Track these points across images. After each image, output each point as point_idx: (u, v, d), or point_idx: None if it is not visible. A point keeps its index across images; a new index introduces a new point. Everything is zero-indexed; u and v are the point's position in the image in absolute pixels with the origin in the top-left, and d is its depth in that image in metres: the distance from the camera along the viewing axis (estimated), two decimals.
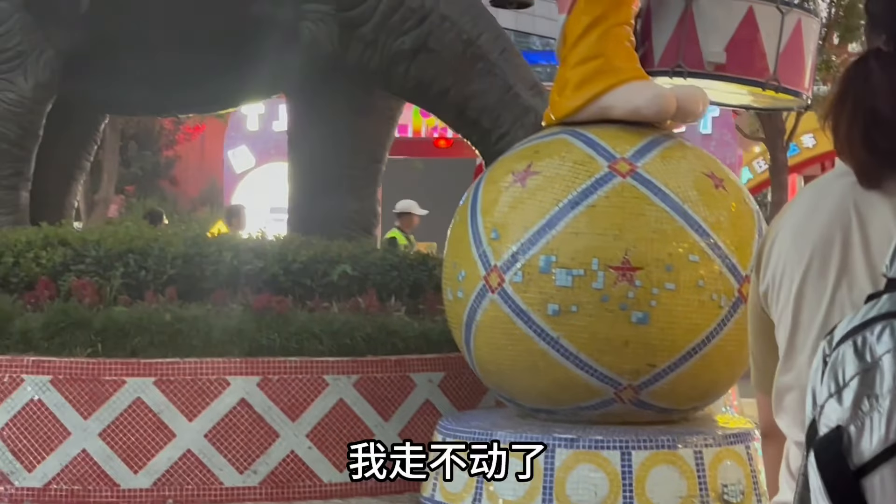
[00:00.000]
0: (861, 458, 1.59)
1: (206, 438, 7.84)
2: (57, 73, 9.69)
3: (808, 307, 1.90)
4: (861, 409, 1.59)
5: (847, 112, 1.84)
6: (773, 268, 1.99)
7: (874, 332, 1.62)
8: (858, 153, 1.84)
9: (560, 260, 7.27)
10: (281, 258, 8.67)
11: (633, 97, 7.70)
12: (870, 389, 1.59)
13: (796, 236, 1.95)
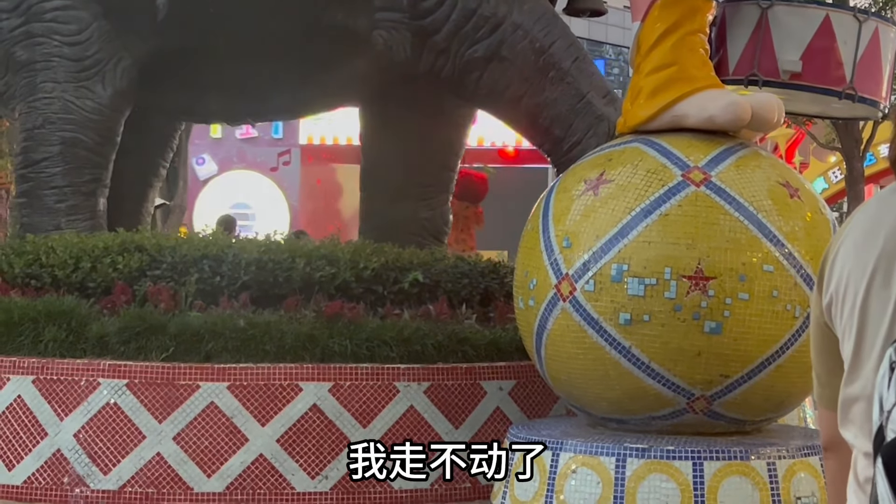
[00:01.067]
0: None
1: (278, 443, 7.88)
2: (134, 82, 9.79)
3: (873, 318, 1.89)
4: None
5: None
6: (836, 281, 2.00)
7: None
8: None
9: (632, 269, 7.26)
10: (353, 265, 8.70)
11: (708, 105, 7.67)
12: None
13: (859, 249, 1.95)
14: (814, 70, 8.87)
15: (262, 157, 22.38)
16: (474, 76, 9.31)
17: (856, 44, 8.76)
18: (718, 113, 7.65)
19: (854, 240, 1.98)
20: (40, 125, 9.67)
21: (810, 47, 9.00)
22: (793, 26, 8.97)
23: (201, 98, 10.60)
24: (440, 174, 10.76)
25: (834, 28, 8.90)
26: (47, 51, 9.66)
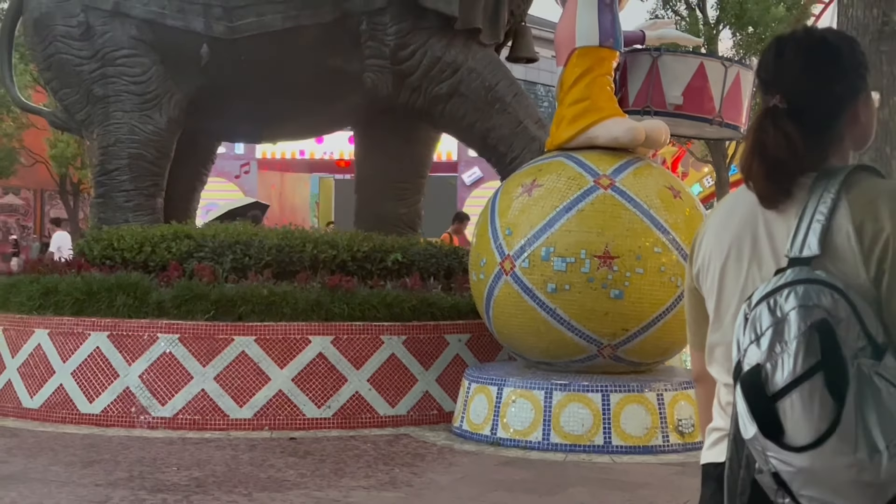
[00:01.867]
0: (775, 387, 1.64)
1: (293, 382, 7.90)
2: (184, 111, 9.78)
3: (729, 283, 1.94)
4: (774, 351, 1.65)
5: (754, 155, 1.88)
6: (702, 256, 2.03)
7: (783, 295, 1.69)
8: (760, 186, 1.88)
9: (557, 251, 7.32)
10: (349, 248, 8.72)
11: (613, 129, 7.74)
12: (780, 337, 1.65)
13: (719, 233, 1.99)
14: (692, 103, 8.92)
15: (228, 167, 22.22)
16: (439, 108, 9.34)
17: (723, 83, 8.82)
18: (621, 135, 7.73)
19: (715, 226, 2.02)
20: (113, 144, 9.67)
21: (689, 86, 9.06)
22: (676, 70, 9.03)
23: (234, 123, 10.59)
24: (414, 181, 10.77)
25: (707, 72, 8.97)
26: (118, 88, 9.65)
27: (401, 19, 9.20)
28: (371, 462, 6.76)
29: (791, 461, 1.63)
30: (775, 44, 1.98)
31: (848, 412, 1.59)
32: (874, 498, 1.61)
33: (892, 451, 1.59)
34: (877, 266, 1.74)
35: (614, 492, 5.98)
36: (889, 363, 1.66)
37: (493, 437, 7.36)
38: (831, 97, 1.89)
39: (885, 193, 1.78)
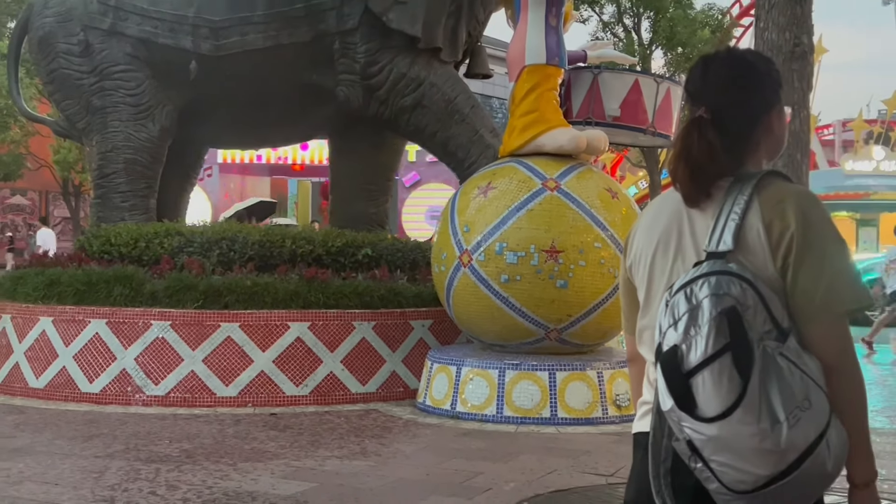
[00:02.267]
0: (689, 366, 1.68)
1: (273, 363, 7.86)
2: (174, 120, 9.71)
3: (657, 274, 1.97)
4: (689, 334, 1.69)
5: (680, 160, 1.91)
6: (634, 250, 2.05)
7: (698, 285, 1.72)
8: (685, 188, 1.91)
9: (509, 246, 7.35)
10: (324, 244, 8.69)
11: (558, 138, 7.77)
12: (695, 321, 1.69)
13: (648, 230, 2.01)
14: (628, 115, 8.98)
15: None
16: (405, 118, 9.33)
17: (655, 97, 8.89)
18: (565, 143, 7.76)
19: (645, 225, 2.04)
20: (110, 150, 9.58)
21: (626, 100, 9.13)
22: (614, 86, 9.09)
23: (220, 131, 10.52)
24: (382, 183, 10.73)
25: (641, 87, 9.03)
26: (115, 99, 9.56)
27: (370, 39, 9.18)
28: (344, 434, 6.75)
29: (702, 430, 1.66)
30: (702, 62, 2.02)
31: (752, 387, 1.62)
32: (775, 464, 1.64)
33: (791, 421, 1.63)
34: (783, 260, 1.77)
35: (560, 458, 6.02)
36: (791, 345, 1.70)
37: (453, 411, 7.37)
38: (749, 110, 1.92)
39: (792, 196, 1.82)
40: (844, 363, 1.76)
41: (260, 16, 9.29)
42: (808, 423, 1.65)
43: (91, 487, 5.13)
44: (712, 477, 1.68)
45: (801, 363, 1.69)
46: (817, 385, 1.69)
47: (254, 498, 4.95)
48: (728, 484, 1.67)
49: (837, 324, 1.77)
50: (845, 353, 1.77)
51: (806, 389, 1.66)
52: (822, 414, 1.67)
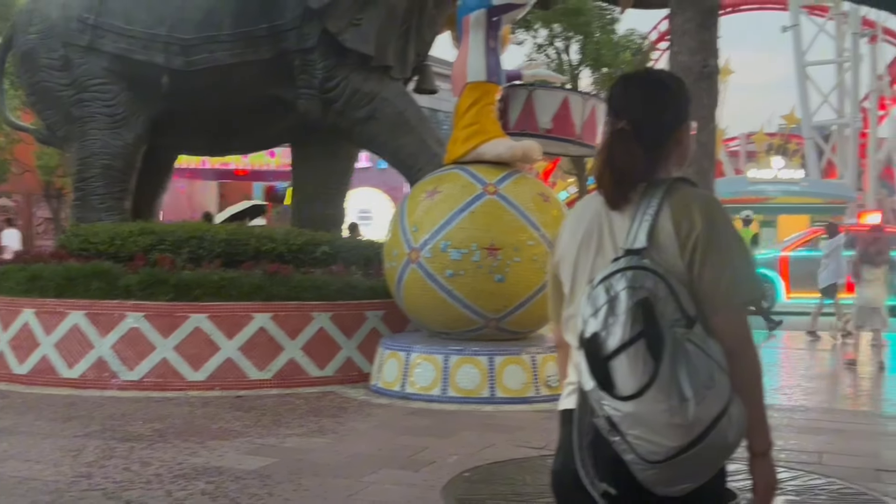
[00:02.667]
0: (608, 350, 1.69)
1: (239, 350, 7.75)
2: (148, 129, 9.55)
3: (581, 269, 1.97)
4: (608, 322, 1.70)
5: (603, 165, 1.92)
6: (561, 248, 2.05)
7: (616, 279, 1.74)
8: (608, 191, 1.92)
9: (453, 244, 7.35)
10: (285, 242, 8.60)
11: (497, 148, 7.80)
12: (613, 311, 1.70)
13: (573, 229, 2.02)
14: (559, 127, 9.06)
15: None
16: (358, 129, 9.27)
17: (582, 112, 8.98)
18: (503, 152, 7.79)
19: (570, 226, 2.04)
20: (88, 156, 9.39)
21: (557, 114, 9.21)
22: (546, 102, 9.16)
23: (191, 139, 10.37)
24: (339, 187, 10.64)
25: (570, 103, 9.12)
26: (92, 110, 9.38)
27: (328, 56, 9.11)
28: (303, 414, 6.70)
29: (620, 408, 1.68)
30: (623, 81, 2.03)
31: (664, 369, 1.64)
32: (684, 436, 1.66)
33: (697, 399, 1.65)
34: (690, 256, 1.79)
35: (497, 434, 6.04)
36: (697, 331, 1.72)
37: (403, 392, 7.35)
38: (663, 123, 1.94)
39: (698, 200, 1.85)
40: (744, 347, 1.79)
41: (226, 35, 9.18)
42: (713, 399, 1.67)
43: (70, 465, 5.02)
44: (629, 449, 1.70)
45: (706, 347, 1.71)
46: (720, 366, 1.71)
47: (220, 472, 4.88)
48: (643, 455, 1.68)
49: (737, 313, 1.80)
50: (744, 339, 1.80)
51: (710, 370, 1.68)
52: (724, 392, 1.70)
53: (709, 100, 4.27)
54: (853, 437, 6.15)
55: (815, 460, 5.38)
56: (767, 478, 1.86)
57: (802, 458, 5.40)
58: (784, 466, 5.15)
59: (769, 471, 1.86)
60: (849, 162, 32.82)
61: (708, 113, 4.29)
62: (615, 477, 1.76)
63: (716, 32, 4.36)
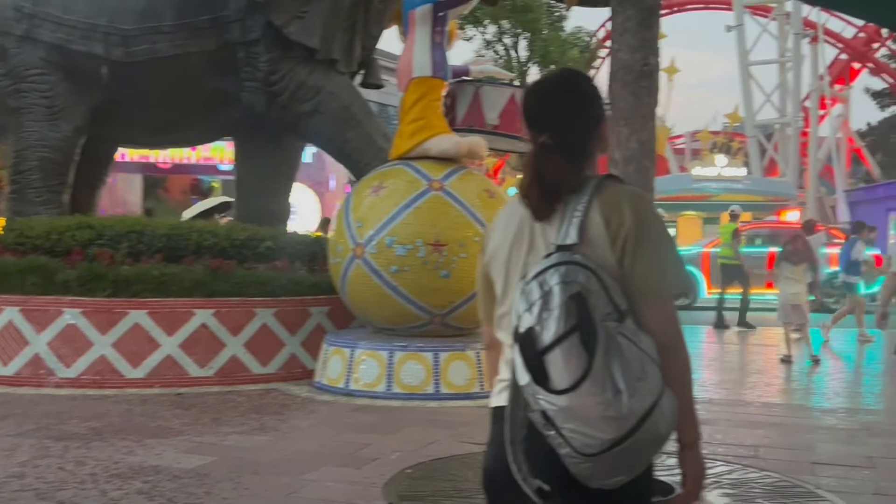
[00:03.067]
0: (543, 345, 1.70)
1: (179, 347, 7.64)
2: (87, 121, 9.36)
3: (514, 266, 1.97)
4: (542, 317, 1.71)
5: (531, 180, 1.92)
6: (492, 247, 2.05)
7: (549, 274, 1.75)
8: (534, 204, 1.91)
9: (399, 240, 7.34)
10: (228, 237, 8.49)
11: (442, 143, 7.80)
12: (547, 306, 1.71)
13: (504, 228, 2.02)
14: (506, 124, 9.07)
15: None
16: (304, 123, 9.19)
17: None
18: (449, 148, 7.80)
19: (502, 224, 2.04)
20: (25, 148, 9.17)
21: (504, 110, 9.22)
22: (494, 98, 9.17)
23: (131, 132, 10.17)
24: (284, 182, 10.52)
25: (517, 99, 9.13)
26: (29, 101, 9.16)
27: (272, 49, 9.02)
28: (245, 412, 6.63)
29: (555, 402, 1.69)
30: (536, 94, 2.00)
31: (597, 362, 1.66)
32: (618, 428, 1.67)
33: (630, 391, 1.67)
34: (620, 251, 1.81)
35: (441, 429, 6.04)
36: (629, 325, 1.74)
37: (347, 389, 7.32)
38: (583, 128, 1.95)
39: (626, 196, 1.87)
40: (674, 340, 1.81)
41: (168, 26, 9.03)
42: (645, 392, 1.69)
43: (2, 465, 4.90)
44: (564, 443, 1.71)
45: (638, 340, 1.73)
46: (651, 359, 1.73)
47: (158, 471, 4.81)
48: (577, 448, 1.70)
49: (667, 306, 1.83)
50: (674, 332, 1.82)
51: (642, 363, 1.70)
52: (655, 384, 1.72)
53: (649, 98, 4.31)
54: (789, 430, 6.30)
55: (751, 454, 5.49)
56: (696, 469, 1.89)
57: (739, 452, 5.51)
58: (721, 460, 5.24)
59: (698, 462, 1.89)
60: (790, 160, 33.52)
61: (648, 111, 4.33)
62: (549, 472, 1.77)
63: (657, 31, 4.41)
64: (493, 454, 1.90)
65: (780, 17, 35.27)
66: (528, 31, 20.63)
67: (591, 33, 23.33)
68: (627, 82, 4.29)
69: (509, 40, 21.03)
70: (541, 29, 20.49)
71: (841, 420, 6.73)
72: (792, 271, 10.08)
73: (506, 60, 20.51)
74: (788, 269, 10.11)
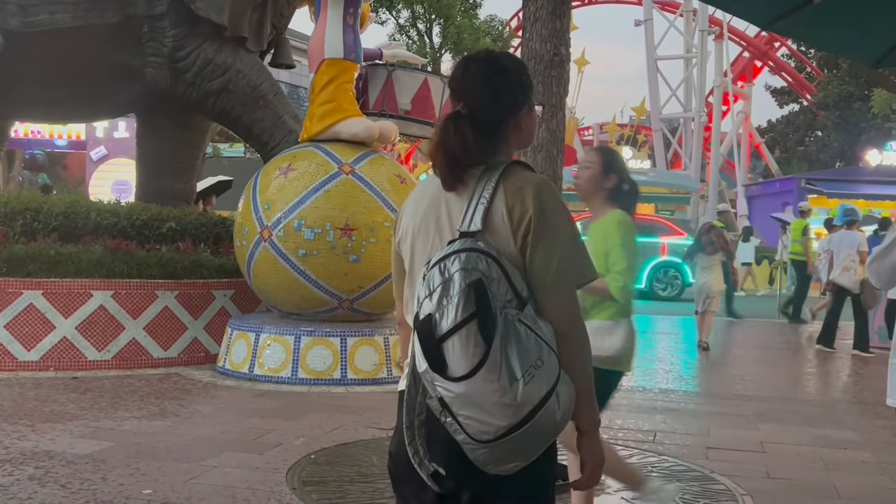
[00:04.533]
0: (441, 332, 1.70)
1: (76, 330, 7.40)
2: None
3: (420, 249, 1.98)
4: (442, 303, 1.71)
5: (436, 146, 1.93)
6: (402, 228, 2.06)
7: (451, 260, 1.75)
8: (443, 173, 1.92)
9: (307, 223, 7.26)
10: (129, 216, 8.25)
11: (353, 127, 7.74)
12: (447, 292, 1.71)
13: (413, 209, 2.03)
14: (418, 109, 9.04)
15: None
16: (211, 101, 8.97)
17: (442, 95, 8.99)
18: (360, 131, 7.74)
19: (412, 205, 2.04)
20: None
21: (416, 96, 9.19)
22: (406, 83, 9.12)
23: (30, 107, 9.72)
24: (189, 161, 10.25)
25: (430, 85, 9.11)
26: None
27: (178, 24, 8.76)
28: (144, 396, 6.46)
29: (451, 388, 1.69)
30: (463, 62, 2.02)
31: (495, 350, 1.66)
32: (513, 415, 1.69)
33: (527, 378, 1.68)
34: (522, 239, 1.82)
35: (347, 415, 6.02)
36: (528, 312, 1.75)
37: (251, 374, 7.22)
38: (500, 107, 1.94)
39: (531, 184, 1.87)
40: (573, 328, 1.83)
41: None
42: (541, 379, 1.70)
43: None
44: (460, 429, 1.72)
45: (536, 328, 1.74)
46: (549, 347, 1.75)
47: (51, 457, 4.64)
48: (473, 435, 1.71)
49: (568, 296, 1.84)
50: (574, 320, 1.84)
51: (539, 351, 1.72)
52: (552, 371, 1.73)
53: (558, 87, 4.37)
54: (686, 416, 6.50)
55: (649, 439, 5.65)
56: (595, 455, 1.92)
57: (638, 437, 5.66)
58: (621, 445, 5.38)
59: (597, 448, 1.92)
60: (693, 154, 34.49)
61: (558, 101, 4.39)
62: (448, 457, 1.78)
63: (568, 21, 4.47)
64: (398, 438, 1.90)
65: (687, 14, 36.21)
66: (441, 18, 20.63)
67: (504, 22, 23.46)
68: (538, 71, 4.34)
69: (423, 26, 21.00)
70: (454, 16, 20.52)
71: (735, 406, 6.99)
72: (706, 260, 10.54)
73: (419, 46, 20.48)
74: (702, 259, 10.57)
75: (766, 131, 43.61)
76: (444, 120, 1.93)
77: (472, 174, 1.90)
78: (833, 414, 6.84)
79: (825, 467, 5.13)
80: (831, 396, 7.84)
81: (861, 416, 6.74)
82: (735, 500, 4.38)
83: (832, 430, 6.18)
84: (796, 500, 4.45)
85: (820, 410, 6.96)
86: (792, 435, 5.96)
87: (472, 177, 1.90)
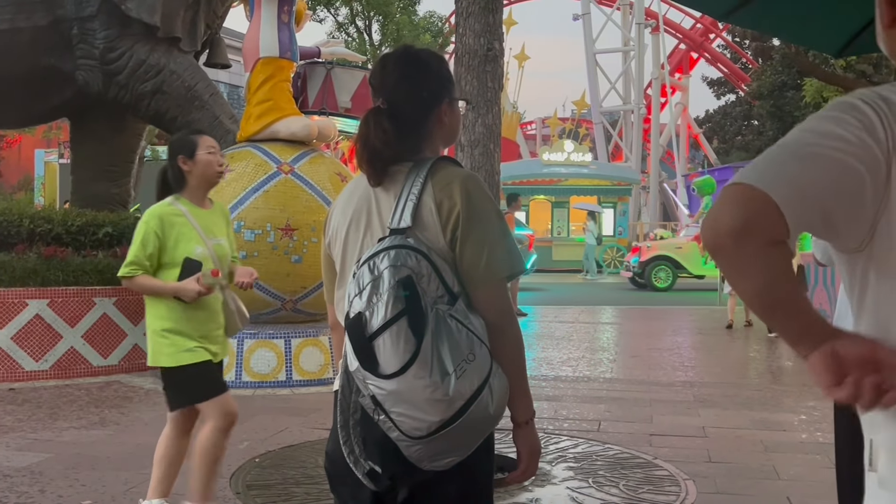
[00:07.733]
0: (371, 330, 1.69)
1: (12, 340, 7.21)
2: None
3: (350, 248, 1.97)
4: (372, 301, 1.70)
5: (361, 144, 1.93)
6: (332, 228, 2.05)
7: (380, 258, 1.74)
8: (366, 168, 1.93)
9: (247, 224, 7.18)
10: (63, 223, 8.06)
11: (292, 126, 7.68)
12: (377, 290, 1.70)
13: (343, 208, 2.02)
14: (359, 107, 9.03)
15: None
16: (145, 103, 8.81)
17: None
18: (298, 130, 7.68)
19: (341, 204, 2.03)
20: None
21: (356, 93, 9.18)
22: (346, 81, 9.11)
23: None
24: (124, 165, 10.05)
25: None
26: None
27: (109, 26, 8.59)
28: (84, 406, 6.33)
29: (383, 386, 1.69)
30: (382, 59, 2.02)
31: (425, 346, 1.66)
32: (445, 410, 1.69)
33: (458, 373, 1.68)
34: (451, 234, 1.82)
35: (292, 416, 5.98)
36: (459, 307, 1.76)
37: None
38: (420, 102, 1.95)
39: (458, 179, 1.87)
40: (505, 321, 1.84)
41: None
42: (473, 373, 1.71)
43: None
44: (393, 426, 1.71)
45: (468, 322, 1.74)
46: (480, 340, 1.75)
47: None
48: (406, 431, 1.71)
49: (498, 288, 1.85)
50: (505, 313, 1.85)
51: (471, 345, 1.72)
52: (484, 365, 1.74)
53: (493, 82, 4.38)
54: (629, 404, 6.59)
55: (594, 428, 5.72)
56: (531, 446, 1.94)
57: (583, 427, 5.73)
58: (566, 435, 5.43)
59: (533, 439, 1.94)
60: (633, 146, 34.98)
61: (493, 95, 4.40)
62: (383, 455, 1.77)
63: (500, 16, 4.48)
64: (334, 438, 1.89)
65: (624, 7, 36.68)
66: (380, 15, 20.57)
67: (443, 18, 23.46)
68: (472, 66, 4.35)
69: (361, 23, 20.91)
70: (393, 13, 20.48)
71: (677, 393, 7.11)
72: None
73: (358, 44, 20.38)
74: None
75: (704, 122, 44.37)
76: (365, 116, 1.93)
77: (399, 171, 1.90)
78: (771, 397, 7.00)
79: (765, 449, 5.24)
80: (769, 379, 8.02)
81: (798, 398, 6.90)
82: (678, 485, 4.46)
83: (770, 413, 6.33)
84: (737, 483, 4.54)
85: (758, 394, 7.11)
86: (732, 419, 6.08)
87: (401, 174, 1.90)
